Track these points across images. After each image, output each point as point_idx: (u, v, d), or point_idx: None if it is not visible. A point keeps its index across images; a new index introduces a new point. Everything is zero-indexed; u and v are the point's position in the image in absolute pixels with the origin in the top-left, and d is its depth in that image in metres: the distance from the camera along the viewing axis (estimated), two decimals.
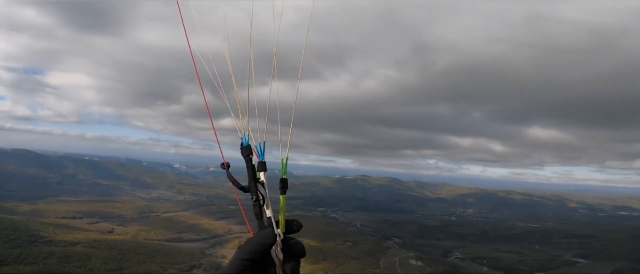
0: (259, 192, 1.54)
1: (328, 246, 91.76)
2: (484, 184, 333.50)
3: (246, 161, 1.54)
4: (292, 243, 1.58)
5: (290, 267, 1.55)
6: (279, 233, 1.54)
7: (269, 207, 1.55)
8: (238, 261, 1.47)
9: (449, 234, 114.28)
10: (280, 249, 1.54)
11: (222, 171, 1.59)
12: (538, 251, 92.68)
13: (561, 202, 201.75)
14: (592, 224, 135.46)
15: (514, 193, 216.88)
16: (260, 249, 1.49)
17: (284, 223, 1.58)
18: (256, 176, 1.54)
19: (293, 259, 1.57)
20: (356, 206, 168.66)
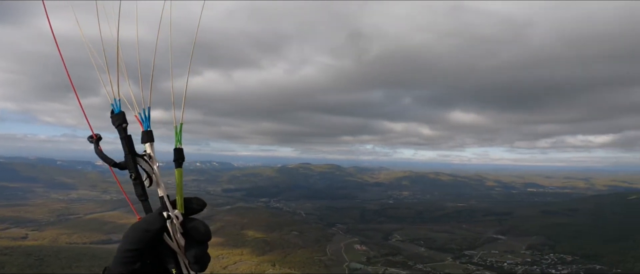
0: (141, 168, 1.29)
1: (274, 237, 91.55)
2: (416, 167, 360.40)
3: (119, 131, 1.27)
4: (192, 226, 1.34)
5: (193, 253, 1.33)
6: (176, 215, 1.30)
7: (161, 185, 1.31)
8: (121, 254, 1.26)
9: (389, 217, 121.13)
10: (181, 233, 1.32)
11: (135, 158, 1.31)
12: (465, 229, 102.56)
13: (481, 181, 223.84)
14: (507, 201, 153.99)
15: (442, 174, 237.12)
16: (146, 237, 1.27)
17: (181, 202, 1.33)
18: (134, 149, 1.28)
19: (196, 244, 1.34)
20: (300, 194, 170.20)
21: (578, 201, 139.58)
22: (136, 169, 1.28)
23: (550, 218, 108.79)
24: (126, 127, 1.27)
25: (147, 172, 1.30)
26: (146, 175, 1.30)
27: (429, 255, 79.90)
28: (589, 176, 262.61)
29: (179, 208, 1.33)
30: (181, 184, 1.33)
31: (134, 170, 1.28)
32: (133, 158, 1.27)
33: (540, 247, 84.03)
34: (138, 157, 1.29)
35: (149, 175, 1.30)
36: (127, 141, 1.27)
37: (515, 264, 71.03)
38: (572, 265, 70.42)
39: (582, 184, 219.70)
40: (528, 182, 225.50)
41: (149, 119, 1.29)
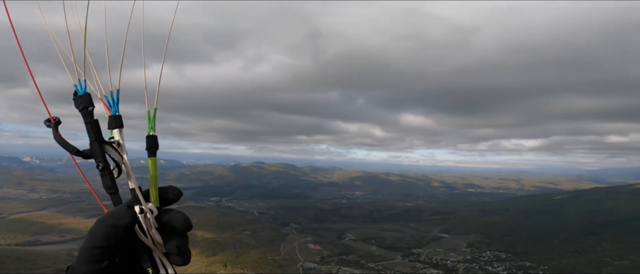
0: (109, 156, 1.13)
1: (225, 237, 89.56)
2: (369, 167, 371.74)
3: (84, 115, 1.10)
4: (170, 217, 1.21)
5: (175, 244, 1.20)
6: (150, 208, 1.15)
7: (131, 176, 1.17)
8: (87, 252, 1.11)
9: (342, 216, 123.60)
10: (156, 228, 1.17)
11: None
12: (413, 228, 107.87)
13: (427, 182, 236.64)
14: (450, 201, 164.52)
15: (392, 175, 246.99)
16: (114, 233, 1.13)
17: (156, 194, 1.20)
18: (101, 136, 1.11)
19: (176, 236, 1.21)
20: (253, 193, 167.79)
21: (510, 200, 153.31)
22: (104, 158, 1.11)
23: (487, 217, 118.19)
24: (92, 110, 1.10)
25: (116, 162, 1.14)
26: (115, 164, 1.14)
27: (380, 254, 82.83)
28: (520, 177, 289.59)
29: (153, 200, 1.18)
30: (156, 175, 1.19)
31: (102, 159, 1.11)
32: (100, 145, 1.10)
33: (478, 245, 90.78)
34: (106, 144, 1.12)
35: (118, 165, 1.14)
36: (93, 126, 1.10)
37: (457, 262, 76.18)
38: (506, 262, 77.07)
39: (514, 184, 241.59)
40: (468, 183, 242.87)
41: (117, 103, 1.14)
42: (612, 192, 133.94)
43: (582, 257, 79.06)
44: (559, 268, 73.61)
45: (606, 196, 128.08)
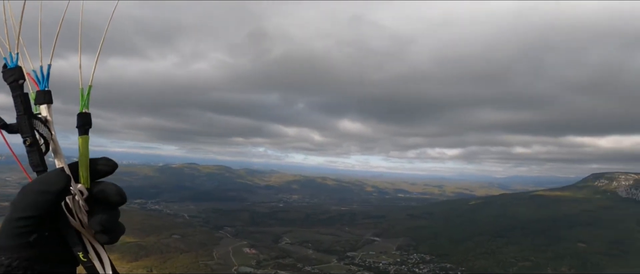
0: (37, 131, 1.04)
1: (151, 241, 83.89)
2: (306, 171, 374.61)
3: (13, 88, 1.02)
4: (100, 189, 1.08)
5: (98, 220, 1.07)
6: (79, 189, 1.06)
7: (60, 154, 1.08)
8: (12, 224, 0.95)
9: (279, 220, 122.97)
10: (86, 211, 1.08)
11: None
12: (348, 232, 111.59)
13: (361, 187, 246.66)
14: (382, 205, 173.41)
15: (329, 179, 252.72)
16: (43, 200, 0.98)
17: (87, 175, 1.08)
18: (31, 110, 1.04)
19: (104, 209, 1.08)
20: (183, 196, 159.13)
21: (434, 205, 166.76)
22: (33, 133, 1.04)
23: (414, 221, 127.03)
24: (23, 84, 1.03)
25: (44, 137, 1.06)
26: (43, 140, 1.06)
27: (316, 257, 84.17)
28: (442, 184, 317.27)
29: (83, 181, 1.08)
30: (87, 154, 1.09)
31: (30, 134, 1.03)
32: (29, 120, 1.02)
33: (406, 247, 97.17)
34: (35, 119, 1.04)
35: (47, 140, 1.06)
36: (23, 100, 1.03)
37: (388, 264, 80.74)
38: (430, 264, 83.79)
39: (437, 190, 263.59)
40: (398, 188, 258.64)
41: (47, 78, 1.06)
42: (516, 198, 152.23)
43: (492, 258, 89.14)
44: (473, 269, 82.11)
45: (511, 201, 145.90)
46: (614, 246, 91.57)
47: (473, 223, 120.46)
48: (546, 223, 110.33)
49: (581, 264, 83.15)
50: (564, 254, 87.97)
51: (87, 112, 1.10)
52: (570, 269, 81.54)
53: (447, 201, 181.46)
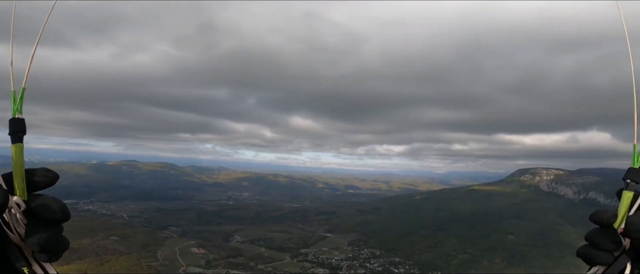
0: None
1: (84, 244, 78.03)
2: (257, 168, 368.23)
3: None
4: (39, 203, 0.99)
5: (37, 240, 0.97)
6: (16, 202, 0.97)
7: None
8: None
9: (228, 218, 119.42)
10: (25, 223, 0.99)
11: None
12: (300, 228, 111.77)
13: (313, 183, 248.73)
14: (333, 201, 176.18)
15: (280, 176, 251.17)
16: None
17: (23, 186, 0.99)
18: None
19: (43, 227, 0.99)
20: (122, 195, 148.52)
21: (382, 201, 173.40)
22: None
23: (363, 216, 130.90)
24: None
25: None
26: None
27: (269, 255, 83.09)
28: (389, 179, 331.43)
29: (19, 193, 0.99)
30: (22, 164, 0.99)
31: None
32: None
33: (357, 243, 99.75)
34: None
35: None
36: None
37: (341, 260, 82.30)
38: (380, 258, 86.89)
39: (384, 186, 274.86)
40: (348, 184, 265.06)
41: None
42: (455, 193, 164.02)
43: (435, 251, 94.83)
44: (420, 262, 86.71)
45: (450, 196, 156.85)
46: (538, 238, 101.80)
47: (417, 217, 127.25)
48: (480, 216, 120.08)
49: (511, 255, 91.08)
50: (496, 246, 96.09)
51: (21, 117, 1.01)
52: (502, 260, 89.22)
53: (394, 197, 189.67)
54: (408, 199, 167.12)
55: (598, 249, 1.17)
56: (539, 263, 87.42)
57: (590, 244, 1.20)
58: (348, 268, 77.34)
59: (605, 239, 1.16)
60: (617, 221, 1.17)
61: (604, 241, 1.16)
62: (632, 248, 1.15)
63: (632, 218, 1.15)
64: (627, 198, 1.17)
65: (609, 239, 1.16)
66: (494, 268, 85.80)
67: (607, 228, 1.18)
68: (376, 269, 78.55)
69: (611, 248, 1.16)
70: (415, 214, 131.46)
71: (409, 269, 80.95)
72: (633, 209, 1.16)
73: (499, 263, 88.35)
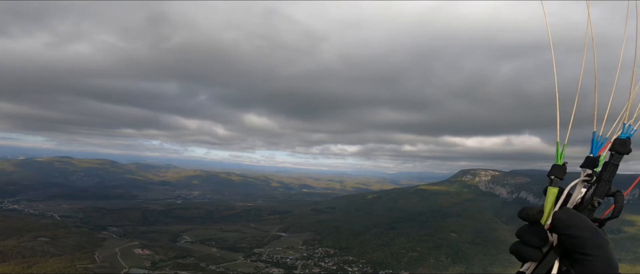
0: None
1: (9, 245, 71.32)
2: (208, 166, 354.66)
3: None
4: None
5: None
6: None
7: None
8: None
9: (176, 218, 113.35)
10: None
11: None
12: (253, 228, 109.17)
13: (267, 182, 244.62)
14: (287, 201, 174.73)
15: (233, 174, 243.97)
16: None
17: None
18: None
19: None
20: (53, 194, 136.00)
21: (336, 200, 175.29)
22: None
23: (318, 216, 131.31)
24: None
25: None
26: None
27: (221, 255, 79.93)
28: (343, 179, 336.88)
29: None
30: None
31: None
32: None
33: (312, 242, 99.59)
34: None
35: None
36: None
37: (296, 259, 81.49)
38: (334, 257, 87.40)
39: (338, 185, 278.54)
40: (303, 183, 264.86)
41: None
42: (404, 192, 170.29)
43: (387, 250, 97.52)
44: (372, 260, 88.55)
45: (400, 195, 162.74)
46: (477, 236, 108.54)
47: (370, 215, 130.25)
48: (427, 215, 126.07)
49: (454, 253, 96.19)
50: (441, 244, 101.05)
51: None
52: (447, 258, 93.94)
53: (348, 196, 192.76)
54: (361, 198, 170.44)
55: (527, 245, 1.20)
56: (478, 261, 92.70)
57: (520, 240, 1.23)
58: (303, 267, 76.77)
59: (533, 235, 1.19)
60: (544, 217, 1.20)
61: (531, 238, 1.19)
62: (560, 244, 1.18)
63: (557, 213, 1.18)
64: (552, 194, 1.21)
65: (536, 236, 1.19)
66: (440, 266, 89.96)
67: (535, 224, 1.21)
68: (330, 268, 78.76)
69: (538, 244, 1.19)
70: (368, 213, 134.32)
71: (362, 268, 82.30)
72: (558, 204, 1.19)
73: (444, 260, 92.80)
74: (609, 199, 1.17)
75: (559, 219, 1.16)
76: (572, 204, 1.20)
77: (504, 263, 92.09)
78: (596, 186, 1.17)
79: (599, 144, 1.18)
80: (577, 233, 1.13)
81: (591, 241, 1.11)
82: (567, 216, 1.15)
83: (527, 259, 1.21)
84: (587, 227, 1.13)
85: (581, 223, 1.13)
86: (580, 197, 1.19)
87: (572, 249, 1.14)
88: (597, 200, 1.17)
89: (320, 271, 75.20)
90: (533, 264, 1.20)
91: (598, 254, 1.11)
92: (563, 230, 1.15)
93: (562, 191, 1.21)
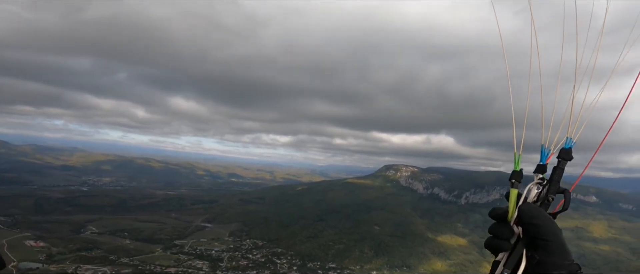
0: None
1: None
2: (123, 151, 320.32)
3: None
4: None
5: None
6: None
7: None
8: None
9: (81, 206, 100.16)
10: None
11: None
12: (175, 218, 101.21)
13: (192, 170, 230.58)
14: (214, 190, 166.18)
15: (153, 161, 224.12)
16: None
17: None
18: None
19: None
20: None
21: (265, 190, 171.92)
22: None
23: (246, 206, 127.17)
24: None
25: None
26: None
27: (135, 247, 72.21)
28: (273, 169, 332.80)
29: None
30: None
31: None
32: None
33: (239, 233, 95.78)
34: None
35: None
36: None
37: (222, 251, 77.25)
38: (263, 249, 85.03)
39: (268, 176, 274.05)
40: (231, 172, 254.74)
41: None
42: (333, 185, 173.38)
43: (315, 242, 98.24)
44: (301, 252, 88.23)
45: (329, 188, 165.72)
46: (397, 229, 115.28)
47: (299, 207, 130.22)
48: (353, 208, 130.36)
49: (377, 245, 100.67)
50: (366, 237, 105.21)
51: None
52: (371, 250, 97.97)
53: (277, 187, 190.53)
54: (290, 189, 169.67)
55: (499, 239, 1.46)
56: (398, 253, 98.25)
57: (492, 235, 1.49)
58: (229, 259, 73.08)
59: (503, 229, 1.46)
60: (510, 214, 1.47)
61: (501, 231, 1.46)
62: (525, 235, 1.44)
63: (523, 206, 1.45)
64: (513, 194, 1.48)
65: (506, 229, 1.46)
66: (364, 258, 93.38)
67: (503, 221, 1.49)
68: (259, 261, 76.31)
69: (508, 236, 1.45)
70: (297, 205, 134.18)
71: (291, 260, 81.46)
72: (520, 202, 1.46)
73: (368, 252, 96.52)
74: (559, 197, 1.45)
75: (524, 211, 1.43)
76: (530, 201, 1.47)
77: (420, 256, 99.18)
78: (549, 186, 1.45)
79: (546, 153, 1.48)
80: (539, 221, 1.40)
81: (549, 228, 1.40)
82: (531, 208, 1.44)
83: (500, 250, 1.46)
84: (546, 217, 1.43)
85: (541, 214, 1.43)
86: (536, 196, 1.47)
87: (535, 236, 1.41)
88: (551, 196, 1.45)
89: (248, 263, 72.30)
90: (506, 254, 1.45)
91: (555, 239, 1.40)
92: (528, 220, 1.42)
93: (520, 195, 1.48)
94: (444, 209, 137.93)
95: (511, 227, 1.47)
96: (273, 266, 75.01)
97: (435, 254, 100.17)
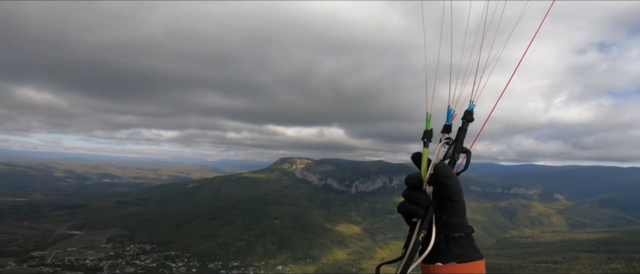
0: None
1: None
2: None
3: None
4: None
5: None
6: None
7: None
8: None
9: None
10: None
11: None
12: (28, 228, 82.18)
13: (48, 172, 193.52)
14: (80, 193, 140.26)
15: None
16: None
17: None
18: None
19: None
20: None
21: (148, 190, 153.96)
22: None
23: (126, 208, 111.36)
24: None
25: None
26: None
27: None
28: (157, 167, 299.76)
29: None
30: None
31: None
32: None
33: (120, 239, 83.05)
34: None
35: None
36: None
37: (99, 260, 65.63)
38: (152, 254, 75.18)
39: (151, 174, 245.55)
40: (103, 172, 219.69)
41: None
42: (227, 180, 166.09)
43: (213, 241, 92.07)
44: (198, 253, 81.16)
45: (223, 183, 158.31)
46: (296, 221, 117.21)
47: (191, 206, 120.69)
48: (251, 203, 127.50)
49: (279, 239, 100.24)
50: (267, 231, 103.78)
51: None
52: (273, 245, 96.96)
53: (163, 185, 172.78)
54: (180, 187, 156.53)
55: (414, 204, 1.47)
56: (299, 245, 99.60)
57: (406, 200, 1.50)
58: (111, 267, 62.02)
59: (418, 195, 1.47)
60: (423, 172, 1.50)
61: (418, 197, 1.47)
62: (435, 197, 1.47)
63: (439, 165, 1.48)
64: (425, 153, 1.51)
65: (421, 195, 1.47)
66: (268, 253, 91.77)
67: (418, 188, 1.50)
68: (149, 266, 67.02)
69: (425, 204, 1.46)
70: (189, 203, 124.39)
71: (188, 262, 74.18)
72: (433, 161, 1.49)
73: (271, 247, 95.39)
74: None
75: (439, 169, 1.46)
76: (438, 159, 1.50)
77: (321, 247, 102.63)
78: (455, 145, 1.52)
79: (451, 114, 1.55)
80: (450, 181, 1.44)
81: (457, 188, 1.45)
82: (445, 167, 1.47)
83: (415, 215, 1.46)
84: (454, 176, 1.47)
85: (452, 173, 1.47)
86: (444, 154, 1.51)
87: (444, 195, 1.45)
88: (457, 155, 1.52)
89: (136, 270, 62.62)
90: (419, 220, 1.46)
91: (460, 199, 1.45)
92: (441, 179, 1.44)
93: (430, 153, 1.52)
94: (338, 199, 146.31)
95: (427, 195, 1.48)
96: (168, 271, 66.87)
97: (334, 244, 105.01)
